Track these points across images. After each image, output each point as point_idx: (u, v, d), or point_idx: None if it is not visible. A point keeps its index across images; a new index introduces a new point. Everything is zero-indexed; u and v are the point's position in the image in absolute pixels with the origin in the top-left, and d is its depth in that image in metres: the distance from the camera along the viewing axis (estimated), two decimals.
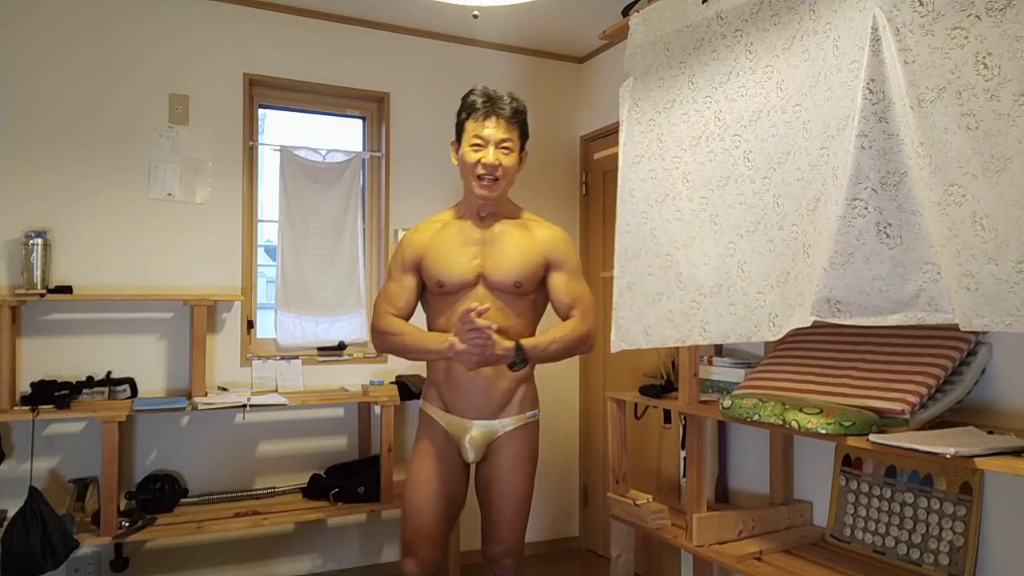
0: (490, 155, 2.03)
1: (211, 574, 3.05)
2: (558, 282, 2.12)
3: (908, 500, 2.08)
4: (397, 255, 2.17)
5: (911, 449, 1.58)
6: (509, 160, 2.07)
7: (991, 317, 1.40)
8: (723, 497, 2.77)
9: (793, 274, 1.73)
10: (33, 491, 2.53)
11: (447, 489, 2.10)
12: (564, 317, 2.11)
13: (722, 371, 2.56)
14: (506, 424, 2.10)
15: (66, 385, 2.76)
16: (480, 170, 2.05)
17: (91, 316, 2.92)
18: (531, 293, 2.10)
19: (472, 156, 2.05)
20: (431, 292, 2.12)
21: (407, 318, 2.10)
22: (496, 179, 2.05)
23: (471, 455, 2.11)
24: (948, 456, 1.51)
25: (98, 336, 2.93)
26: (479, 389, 2.08)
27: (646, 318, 2.19)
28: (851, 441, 1.77)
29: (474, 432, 2.09)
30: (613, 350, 2.30)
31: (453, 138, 2.15)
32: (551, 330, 2.07)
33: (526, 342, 2.00)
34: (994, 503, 1.93)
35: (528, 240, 2.12)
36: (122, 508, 2.81)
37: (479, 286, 2.07)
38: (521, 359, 1.97)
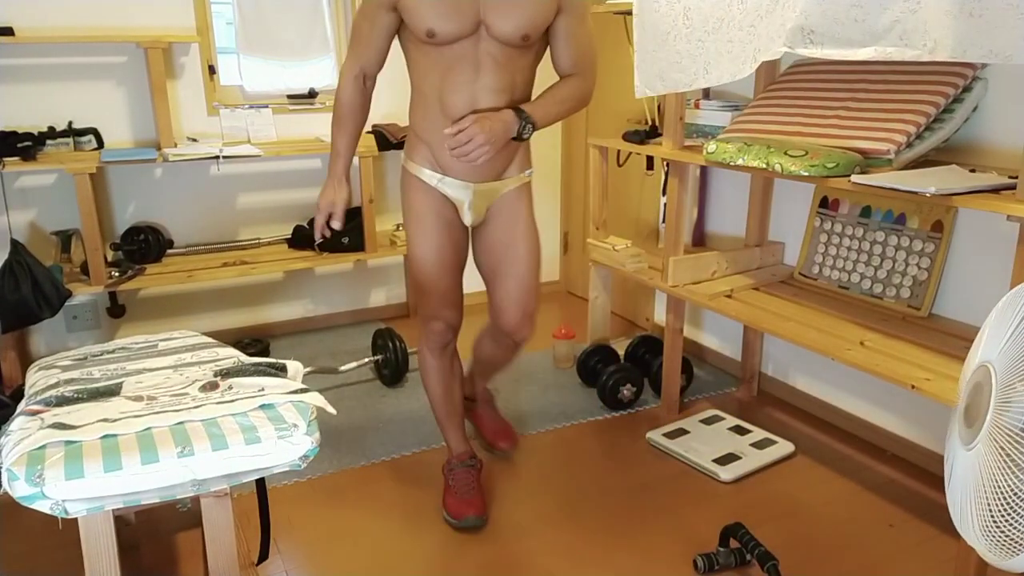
0: None
1: (208, 317, 3.19)
2: (565, 31, 1.79)
3: (879, 239, 2.14)
4: None
5: (892, 188, 1.58)
6: None
7: (991, 47, 1.31)
8: (700, 241, 2.84)
9: (781, 2, 1.60)
10: (15, 244, 2.54)
11: (458, 256, 1.94)
12: (563, 73, 1.85)
13: (709, 115, 2.49)
14: (508, 185, 1.89)
15: (28, 136, 2.65)
16: None
17: (37, 61, 2.71)
18: (536, 43, 1.78)
19: None
20: (417, 42, 1.74)
21: (376, 69, 1.82)
22: None
23: (470, 218, 1.90)
24: (928, 194, 1.51)
25: (49, 83, 2.74)
26: None
27: (659, 62, 2.06)
28: (832, 183, 1.76)
29: (476, 195, 1.86)
30: (637, 95, 2.18)
31: None
32: (555, 90, 1.81)
33: (531, 108, 1.75)
34: (962, 240, 1.98)
35: None
36: (109, 259, 2.85)
37: (479, 38, 1.70)
38: (529, 128, 1.75)
